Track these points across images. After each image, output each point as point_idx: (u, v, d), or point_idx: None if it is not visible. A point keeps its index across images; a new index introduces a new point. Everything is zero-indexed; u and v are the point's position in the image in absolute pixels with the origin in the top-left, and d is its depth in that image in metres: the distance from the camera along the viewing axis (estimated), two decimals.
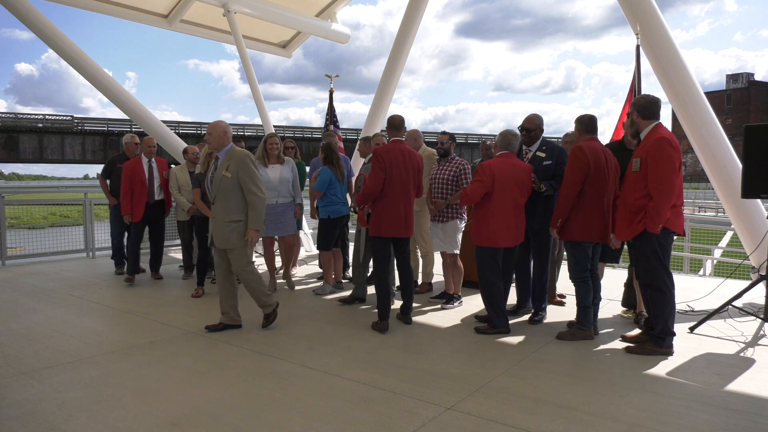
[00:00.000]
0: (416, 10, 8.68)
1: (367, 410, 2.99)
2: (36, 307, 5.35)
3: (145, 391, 3.25)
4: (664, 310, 3.83)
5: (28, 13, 8.21)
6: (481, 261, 4.48)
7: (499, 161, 4.42)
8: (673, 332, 3.89)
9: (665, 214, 3.68)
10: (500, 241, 4.40)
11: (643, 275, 3.89)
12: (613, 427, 2.78)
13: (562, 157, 4.56)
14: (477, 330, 4.44)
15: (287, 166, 5.92)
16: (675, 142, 3.73)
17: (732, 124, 55.87)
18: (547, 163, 4.58)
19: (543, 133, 4.69)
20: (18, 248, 8.34)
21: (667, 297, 3.82)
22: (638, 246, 3.86)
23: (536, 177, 4.50)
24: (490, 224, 4.37)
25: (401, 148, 4.56)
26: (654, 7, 5.95)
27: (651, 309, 3.92)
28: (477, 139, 55.09)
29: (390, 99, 9.26)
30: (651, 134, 3.79)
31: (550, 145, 4.67)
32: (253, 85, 10.05)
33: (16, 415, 2.93)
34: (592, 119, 4.26)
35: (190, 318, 4.92)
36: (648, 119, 3.84)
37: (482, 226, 4.42)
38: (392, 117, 4.76)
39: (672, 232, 3.79)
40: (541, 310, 4.81)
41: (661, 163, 3.66)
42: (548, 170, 4.57)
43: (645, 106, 3.85)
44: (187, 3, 9.74)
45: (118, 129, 39.52)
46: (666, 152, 3.66)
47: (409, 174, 4.54)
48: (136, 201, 6.36)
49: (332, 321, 4.85)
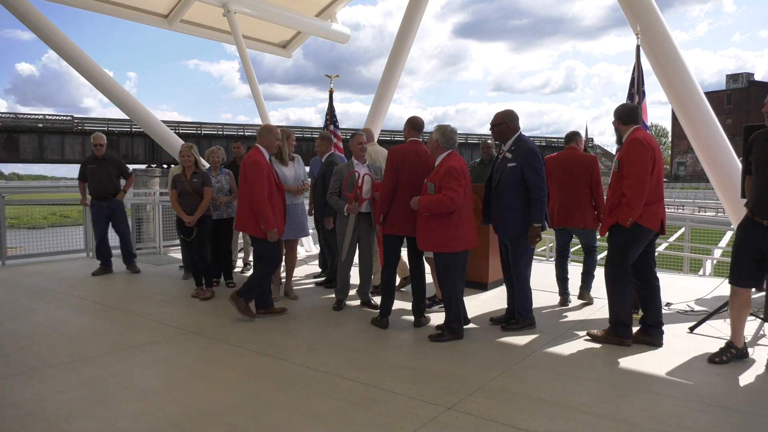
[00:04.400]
0: (416, 10, 8.68)
1: (367, 410, 2.99)
2: (36, 307, 5.35)
3: (145, 391, 3.26)
4: (619, 300, 4.04)
5: (29, 13, 8.22)
6: (458, 268, 4.24)
7: (459, 160, 4.23)
8: (627, 323, 4.04)
9: (637, 210, 3.86)
10: (472, 242, 4.27)
11: (607, 265, 4.12)
12: (613, 427, 2.78)
13: (528, 159, 4.27)
14: (431, 338, 4.25)
15: (298, 163, 5.84)
16: (649, 141, 3.93)
17: (732, 124, 55.84)
18: (511, 165, 4.32)
19: (517, 132, 4.42)
20: (18, 248, 8.35)
21: (623, 289, 4.03)
22: (610, 238, 4.09)
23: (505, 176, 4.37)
24: (463, 226, 4.19)
25: (416, 149, 4.58)
26: (654, 7, 5.95)
27: (609, 299, 4.13)
28: (477, 139, 55.03)
29: (390, 99, 9.25)
30: (629, 136, 4.04)
31: (519, 145, 4.37)
32: (253, 85, 10.04)
33: (16, 415, 2.93)
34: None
35: (190, 318, 4.92)
36: (627, 124, 4.09)
37: (459, 230, 4.17)
38: (417, 118, 4.75)
39: (644, 228, 3.91)
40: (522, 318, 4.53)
41: (633, 161, 3.89)
42: (513, 172, 4.31)
43: (623, 112, 4.12)
44: (187, 3, 9.74)
45: (119, 129, 39.51)
46: (638, 152, 3.88)
47: (423, 174, 4.50)
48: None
49: (332, 321, 4.85)
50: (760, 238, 3.50)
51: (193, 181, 5.82)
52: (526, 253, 4.46)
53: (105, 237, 7.15)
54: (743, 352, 3.72)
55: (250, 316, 4.78)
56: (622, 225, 3.92)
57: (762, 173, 3.49)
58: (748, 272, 3.58)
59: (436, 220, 4.18)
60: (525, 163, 4.28)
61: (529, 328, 4.51)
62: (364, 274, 5.35)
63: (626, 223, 3.88)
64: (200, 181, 5.83)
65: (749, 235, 3.57)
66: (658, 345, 4.04)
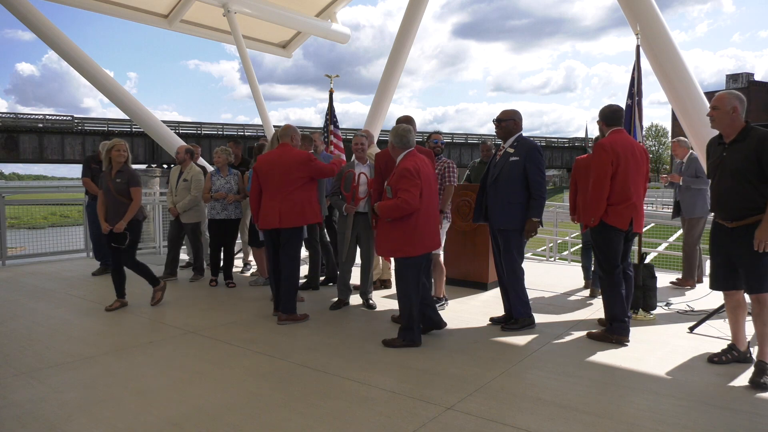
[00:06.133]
0: (416, 10, 8.69)
1: (367, 410, 2.99)
2: (36, 307, 5.35)
3: (145, 391, 3.25)
4: (612, 299, 4.16)
5: (29, 13, 8.23)
6: (413, 274, 4.08)
7: (418, 160, 4.08)
8: (622, 319, 4.14)
9: (595, 210, 4.07)
10: (434, 244, 4.17)
11: (597, 268, 4.34)
12: (613, 427, 2.78)
13: (532, 155, 4.35)
14: (385, 342, 4.11)
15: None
16: (612, 146, 4.04)
17: None
18: (513, 159, 4.37)
19: (519, 131, 4.49)
20: (18, 248, 8.35)
21: (612, 287, 4.14)
22: (592, 239, 4.31)
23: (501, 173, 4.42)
24: (421, 228, 4.04)
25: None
26: (654, 7, 5.95)
27: (603, 298, 4.27)
28: (477, 139, 55.08)
29: (390, 99, 9.27)
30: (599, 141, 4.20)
31: (522, 142, 4.44)
32: (253, 85, 10.05)
33: (16, 415, 2.93)
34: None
35: (190, 318, 4.92)
36: (611, 126, 4.26)
37: (417, 232, 4.01)
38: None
39: (611, 226, 4.08)
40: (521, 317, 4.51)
41: (595, 166, 4.10)
42: (515, 167, 4.36)
43: (608, 114, 4.29)
44: (187, 3, 9.75)
45: (119, 129, 39.53)
46: (600, 157, 4.07)
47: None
48: None
49: (332, 321, 4.85)
50: (727, 241, 3.50)
51: (117, 181, 5.07)
52: (519, 252, 4.50)
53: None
54: (745, 355, 3.71)
55: (304, 318, 4.84)
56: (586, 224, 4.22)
57: (715, 177, 3.56)
58: (725, 275, 3.59)
59: (393, 224, 4.04)
60: (528, 159, 4.35)
61: (528, 327, 4.51)
62: (364, 274, 5.35)
63: (590, 222, 4.14)
64: (125, 180, 5.08)
65: (717, 239, 3.61)
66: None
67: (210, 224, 6.32)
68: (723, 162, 3.49)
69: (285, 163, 4.72)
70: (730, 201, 3.43)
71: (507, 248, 4.47)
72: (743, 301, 3.66)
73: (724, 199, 3.47)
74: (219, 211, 6.20)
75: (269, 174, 4.73)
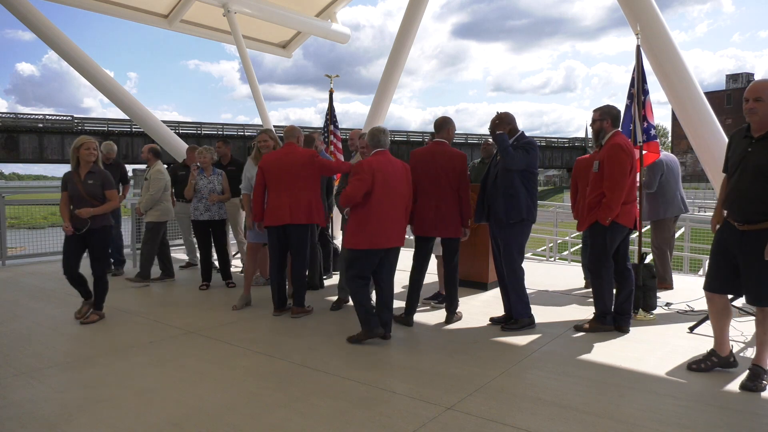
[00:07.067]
0: (416, 10, 8.69)
1: (367, 410, 2.99)
2: (36, 307, 5.36)
3: (145, 391, 3.26)
4: (603, 292, 4.39)
5: (29, 13, 8.23)
6: (356, 264, 4.18)
7: (375, 159, 4.24)
8: (611, 312, 4.42)
9: (615, 210, 4.20)
10: (381, 242, 4.16)
11: (590, 261, 4.50)
12: (613, 427, 2.78)
13: (527, 141, 4.42)
14: (350, 339, 4.18)
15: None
16: (629, 147, 4.29)
17: (732, 124, 55.74)
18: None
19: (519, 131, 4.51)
20: (18, 248, 8.35)
21: (605, 282, 4.37)
22: (591, 236, 4.43)
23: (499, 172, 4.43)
24: (370, 225, 4.12)
25: (436, 150, 4.62)
26: (654, 7, 5.95)
27: (593, 291, 4.48)
28: (477, 139, 55.07)
29: (390, 99, 9.27)
30: (609, 140, 4.33)
31: (521, 140, 4.46)
32: (253, 85, 10.06)
33: (16, 415, 2.93)
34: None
35: (190, 318, 4.92)
36: (615, 127, 4.43)
37: (361, 227, 4.13)
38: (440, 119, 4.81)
39: (621, 225, 4.27)
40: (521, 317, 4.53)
41: (615, 166, 4.19)
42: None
43: (617, 116, 4.45)
44: (187, 3, 9.76)
45: (119, 129, 39.50)
46: (620, 157, 4.19)
47: (440, 174, 4.52)
48: None
49: (332, 321, 4.85)
50: (735, 242, 3.29)
51: (88, 183, 4.64)
52: (520, 252, 4.54)
53: None
54: (728, 360, 3.56)
55: (309, 311, 5.06)
56: (601, 223, 4.25)
57: (734, 173, 3.32)
58: (724, 278, 3.41)
59: (350, 217, 4.27)
60: (523, 145, 4.39)
61: (528, 327, 4.51)
62: None
63: (605, 222, 4.21)
64: (98, 182, 4.69)
65: (724, 239, 3.40)
66: (624, 331, 4.36)
67: (195, 226, 6.23)
68: (746, 158, 3.21)
69: (292, 161, 4.84)
70: (746, 201, 3.21)
71: (507, 248, 4.49)
72: (729, 304, 3.53)
73: (740, 198, 3.24)
74: (202, 212, 6.08)
75: (276, 172, 4.84)
